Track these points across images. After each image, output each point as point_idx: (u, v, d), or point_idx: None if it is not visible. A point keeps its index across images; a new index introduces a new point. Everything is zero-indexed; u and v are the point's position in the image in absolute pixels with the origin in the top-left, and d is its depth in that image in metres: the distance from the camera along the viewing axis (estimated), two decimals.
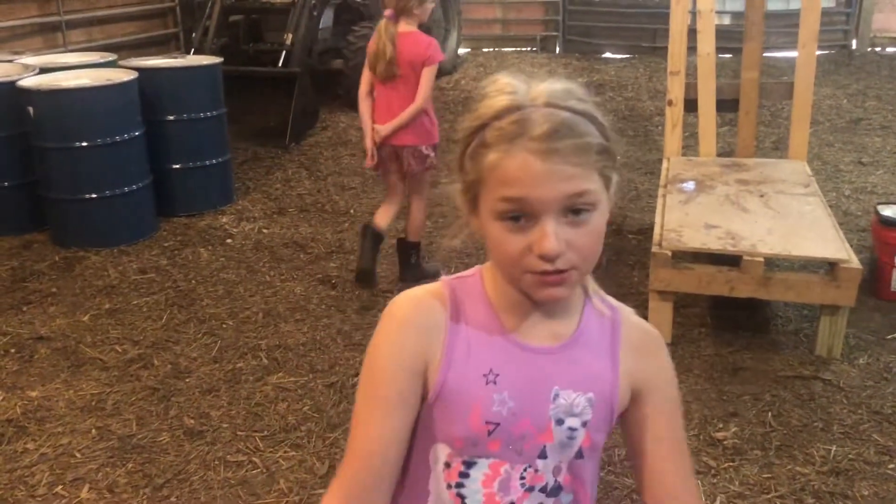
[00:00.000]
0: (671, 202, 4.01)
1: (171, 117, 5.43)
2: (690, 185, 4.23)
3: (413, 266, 4.46)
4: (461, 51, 11.40)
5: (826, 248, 3.37)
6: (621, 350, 1.21)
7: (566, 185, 1.03)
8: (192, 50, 7.66)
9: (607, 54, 11.67)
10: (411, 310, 1.17)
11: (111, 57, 5.89)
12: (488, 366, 1.13)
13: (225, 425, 3.16)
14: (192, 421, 3.19)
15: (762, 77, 4.98)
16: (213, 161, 5.64)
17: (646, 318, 3.62)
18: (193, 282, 4.49)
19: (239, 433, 3.10)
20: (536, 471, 1.14)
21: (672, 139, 4.87)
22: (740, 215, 3.77)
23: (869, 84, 9.08)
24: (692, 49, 4.82)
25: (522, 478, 1.14)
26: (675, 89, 4.79)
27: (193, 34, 8.22)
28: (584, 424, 1.15)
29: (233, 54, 7.83)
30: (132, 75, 5.06)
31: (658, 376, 1.24)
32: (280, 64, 7.70)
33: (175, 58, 6.38)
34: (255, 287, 4.41)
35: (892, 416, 3.06)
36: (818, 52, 10.30)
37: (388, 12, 3.97)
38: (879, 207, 4.12)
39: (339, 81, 8.50)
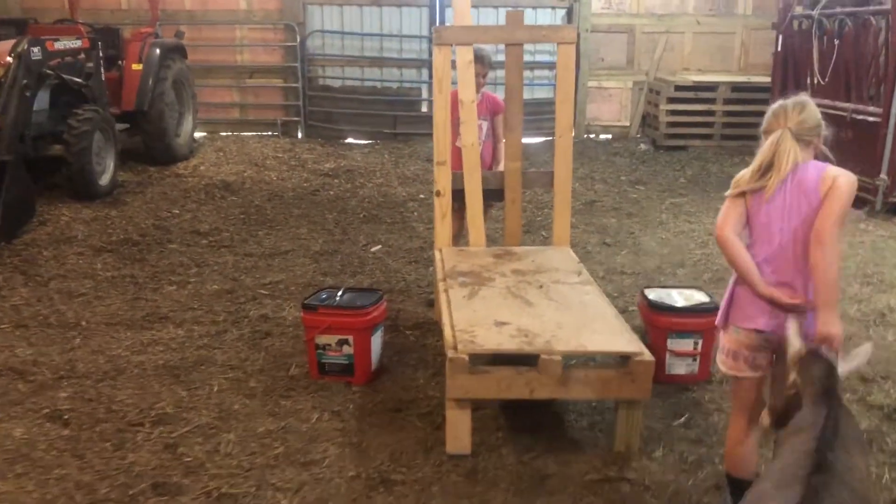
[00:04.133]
0: (455, 298, 3.81)
1: None
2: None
3: None
4: (197, 135, 10.75)
5: (617, 341, 3.33)
6: None
7: None
8: None
9: (350, 140, 11.64)
10: None
11: None
12: None
13: None
14: None
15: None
16: None
17: (442, 428, 3.36)
18: None
19: None
20: None
21: (442, 230, 4.74)
22: (526, 310, 3.65)
23: (594, 168, 9.85)
24: None
25: None
26: (443, 179, 4.68)
27: None
28: None
29: None
30: None
31: None
32: None
33: None
34: None
35: None
36: (543, 139, 11.16)
37: None
38: (646, 292, 4.24)
39: (58, 169, 7.53)
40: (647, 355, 3.23)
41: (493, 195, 4.91)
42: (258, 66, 11.75)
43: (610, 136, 12.17)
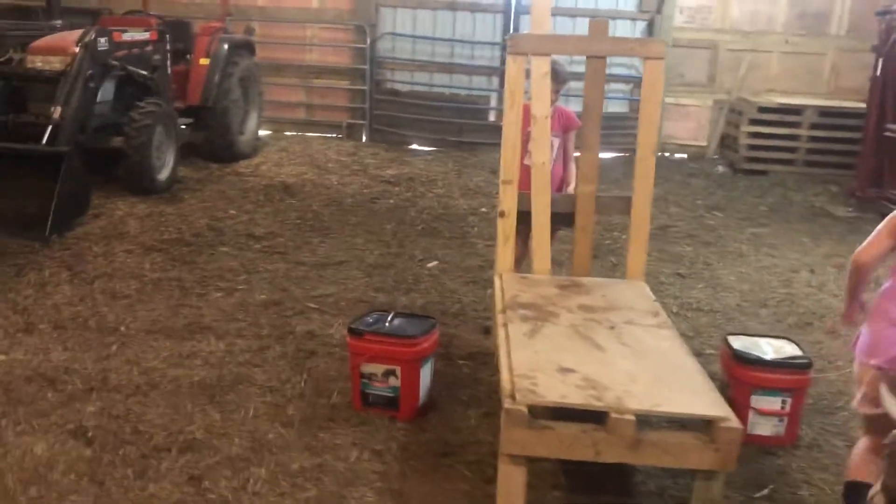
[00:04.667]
0: (515, 335, 3.44)
1: None
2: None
3: None
4: (262, 133, 10.61)
5: (701, 402, 2.92)
6: None
7: None
8: None
9: (414, 146, 11.37)
10: None
11: None
12: None
13: None
14: None
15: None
16: None
17: (493, 482, 2.99)
18: None
19: None
20: None
21: (504, 254, 4.37)
22: (595, 354, 3.26)
23: (668, 190, 9.33)
24: None
25: None
26: (508, 200, 4.32)
27: None
28: None
29: None
30: None
31: None
32: (44, 141, 6.52)
33: None
34: None
35: None
36: (614, 155, 10.70)
37: None
38: (730, 339, 3.80)
39: (117, 161, 7.42)
40: (734, 421, 2.81)
41: (561, 220, 4.52)
42: (326, 66, 11.59)
43: (686, 156, 11.63)
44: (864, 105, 10.03)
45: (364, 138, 11.56)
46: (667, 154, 11.63)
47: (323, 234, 6.78)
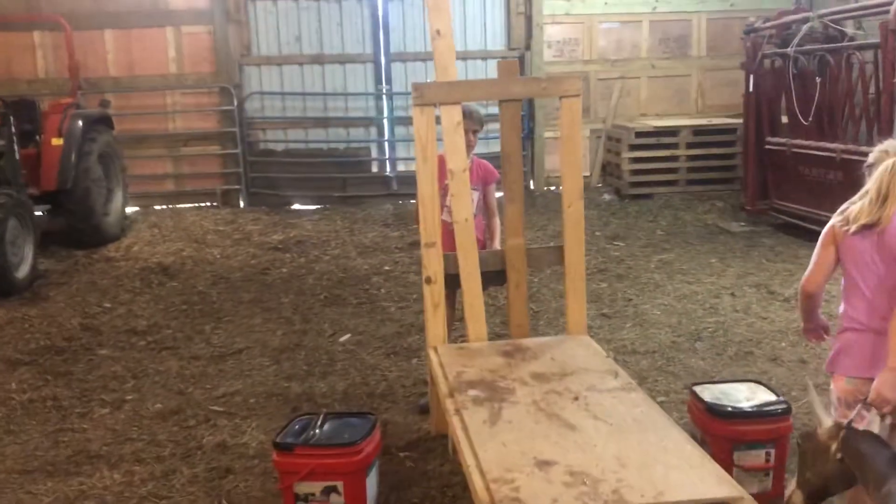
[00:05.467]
0: (474, 425, 2.97)
1: None
2: None
3: None
4: (129, 210, 9.75)
5: (705, 480, 2.54)
6: None
7: None
8: None
9: (297, 206, 10.80)
10: None
11: None
12: None
13: None
14: None
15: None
16: None
17: None
18: None
19: None
20: None
21: (435, 324, 3.93)
22: (570, 437, 2.85)
23: (558, 225, 9.15)
24: None
25: None
26: (434, 264, 3.89)
27: None
28: None
29: None
30: None
31: None
32: None
33: None
34: None
35: None
36: (500, 195, 10.50)
37: None
38: (698, 391, 3.48)
39: None
40: (749, 500, 2.45)
41: (491, 278, 4.14)
42: (193, 132, 10.86)
43: None
44: (733, 120, 10.33)
45: (242, 204, 10.87)
46: (553, 188, 11.57)
47: (215, 318, 6.11)
